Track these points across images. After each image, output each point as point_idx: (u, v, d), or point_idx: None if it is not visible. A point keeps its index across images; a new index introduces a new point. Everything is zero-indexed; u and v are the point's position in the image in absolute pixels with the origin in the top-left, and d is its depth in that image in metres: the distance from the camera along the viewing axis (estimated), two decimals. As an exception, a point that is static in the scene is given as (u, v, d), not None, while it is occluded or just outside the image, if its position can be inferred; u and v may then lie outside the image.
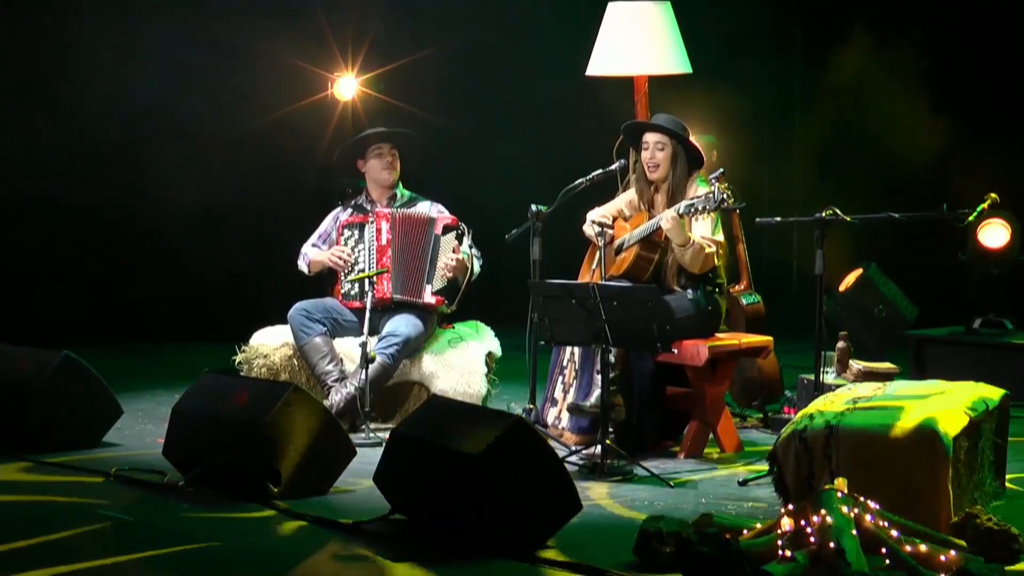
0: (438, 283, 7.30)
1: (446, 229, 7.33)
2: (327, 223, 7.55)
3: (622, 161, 6.95)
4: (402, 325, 7.15)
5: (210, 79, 9.97)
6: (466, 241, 7.32)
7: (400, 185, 7.52)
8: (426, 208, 7.45)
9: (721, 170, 6.39)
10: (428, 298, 7.27)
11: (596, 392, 6.42)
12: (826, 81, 11.33)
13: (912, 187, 10.19)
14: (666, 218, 6.47)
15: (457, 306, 7.36)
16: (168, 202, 9.91)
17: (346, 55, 10.13)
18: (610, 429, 6.24)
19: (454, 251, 7.30)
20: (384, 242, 7.29)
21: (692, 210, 6.42)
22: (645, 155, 6.72)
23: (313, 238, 7.54)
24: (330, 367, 7.14)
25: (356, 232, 7.36)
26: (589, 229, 6.88)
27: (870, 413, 5.20)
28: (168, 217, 9.96)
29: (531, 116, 10.86)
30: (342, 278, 7.34)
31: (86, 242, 9.99)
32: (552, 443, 5.89)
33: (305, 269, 7.51)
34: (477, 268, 7.40)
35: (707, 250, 6.53)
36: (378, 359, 7.00)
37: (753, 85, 11.74)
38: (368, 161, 7.46)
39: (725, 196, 6.28)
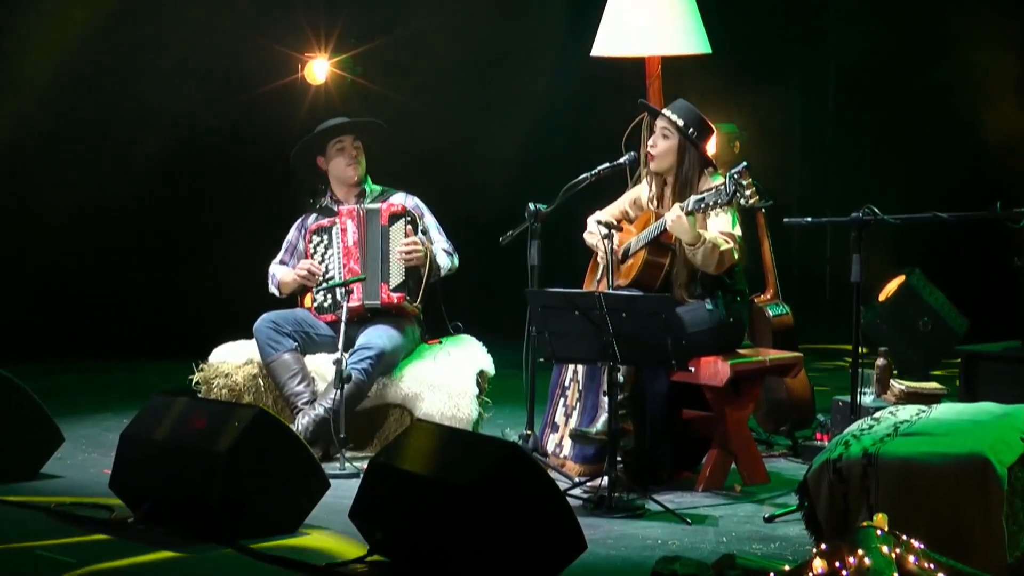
0: (396, 278, 7.26)
1: (393, 218, 7.30)
2: (292, 234, 7.54)
3: (631, 154, 6.95)
4: (376, 336, 7.15)
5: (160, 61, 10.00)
6: (420, 229, 7.28)
7: (368, 180, 7.52)
8: (400, 201, 7.44)
9: (744, 164, 6.38)
10: (387, 297, 7.23)
11: (603, 416, 6.43)
12: (863, 58, 11.37)
13: (961, 182, 10.22)
14: (671, 215, 6.48)
15: (421, 301, 7.29)
16: (115, 198, 9.92)
17: (318, 32, 10.16)
18: (618, 458, 6.25)
19: (407, 236, 7.27)
20: (351, 243, 7.29)
21: (701, 206, 6.42)
22: (649, 141, 6.74)
23: (280, 255, 7.53)
24: (300, 387, 7.14)
25: (325, 237, 7.36)
26: (591, 238, 6.88)
27: (914, 440, 5.21)
28: (114, 214, 9.97)
29: (528, 102, 10.88)
30: (313, 290, 7.34)
31: (23, 244, 9.99)
32: (553, 474, 5.90)
33: (276, 292, 7.49)
34: (446, 263, 7.37)
35: (723, 247, 6.49)
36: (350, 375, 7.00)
37: (780, 66, 11.79)
38: (330, 158, 7.45)
39: (740, 189, 6.26)
